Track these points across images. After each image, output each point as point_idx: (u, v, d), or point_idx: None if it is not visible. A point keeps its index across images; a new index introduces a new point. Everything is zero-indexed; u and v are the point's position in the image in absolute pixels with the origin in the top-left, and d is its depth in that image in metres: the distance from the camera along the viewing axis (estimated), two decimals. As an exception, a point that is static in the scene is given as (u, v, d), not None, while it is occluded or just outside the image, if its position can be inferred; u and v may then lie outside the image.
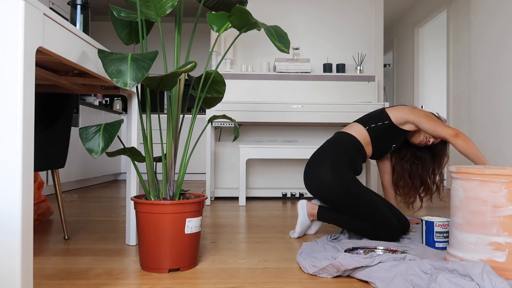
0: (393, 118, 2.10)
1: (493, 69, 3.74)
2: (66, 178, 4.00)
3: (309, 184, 2.05)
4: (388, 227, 1.88)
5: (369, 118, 2.17)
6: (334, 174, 1.94)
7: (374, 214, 1.89)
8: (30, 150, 1.04)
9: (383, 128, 2.11)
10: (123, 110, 6.10)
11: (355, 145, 2.08)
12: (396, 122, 2.10)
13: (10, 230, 0.99)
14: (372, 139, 2.11)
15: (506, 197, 1.37)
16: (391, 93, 6.66)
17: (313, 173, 2.01)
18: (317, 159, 2.05)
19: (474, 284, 1.16)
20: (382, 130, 2.11)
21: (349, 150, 2.05)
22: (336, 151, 2.03)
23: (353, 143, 2.08)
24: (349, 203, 1.92)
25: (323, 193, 1.98)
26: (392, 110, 2.13)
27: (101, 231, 2.20)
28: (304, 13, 3.99)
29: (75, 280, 1.40)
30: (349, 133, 2.12)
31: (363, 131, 2.11)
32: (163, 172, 1.59)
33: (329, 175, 1.95)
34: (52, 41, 1.16)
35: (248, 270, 1.53)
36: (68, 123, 2.06)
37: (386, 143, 2.16)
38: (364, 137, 2.10)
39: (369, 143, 2.11)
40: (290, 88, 3.72)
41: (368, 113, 2.22)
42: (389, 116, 2.11)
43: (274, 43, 1.57)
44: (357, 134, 2.10)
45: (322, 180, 1.96)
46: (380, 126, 2.11)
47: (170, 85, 1.45)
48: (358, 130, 2.12)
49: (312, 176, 2.02)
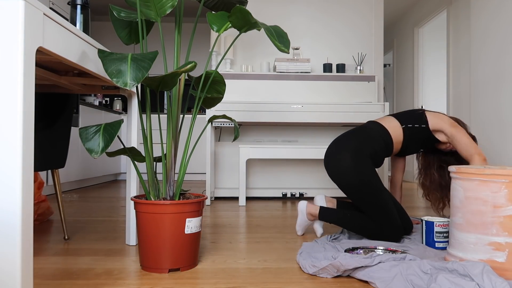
0: (430, 123, 2.09)
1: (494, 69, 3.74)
2: (66, 178, 4.00)
3: (327, 163, 2.03)
4: (391, 225, 1.87)
5: (407, 116, 2.14)
6: (355, 161, 1.93)
7: (382, 210, 1.88)
8: (30, 150, 1.04)
9: (418, 131, 2.09)
10: (123, 110, 6.10)
11: (385, 139, 2.06)
12: (432, 128, 2.09)
13: (10, 230, 0.99)
14: (405, 138, 2.09)
15: (506, 197, 1.37)
16: (391, 93, 6.66)
17: (335, 154, 2.00)
18: (343, 141, 2.03)
19: (474, 284, 1.16)
20: (417, 132, 2.10)
21: (377, 142, 2.03)
22: (364, 139, 2.01)
23: (384, 137, 2.06)
24: (360, 193, 1.91)
25: (338, 176, 1.97)
26: (432, 116, 2.11)
27: (101, 231, 2.20)
28: (304, 13, 3.99)
29: (75, 280, 1.40)
30: (383, 126, 2.09)
31: (398, 128, 2.09)
32: (163, 172, 1.59)
33: (349, 160, 1.93)
34: (52, 41, 1.16)
35: (248, 270, 1.53)
36: (68, 123, 2.06)
37: (416, 146, 2.15)
38: (398, 134, 2.08)
39: (400, 142, 2.10)
40: (290, 88, 3.72)
41: (406, 111, 2.20)
42: (428, 121, 2.09)
43: (274, 43, 1.57)
44: (391, 129, 2.08)
45: (341, 163, 1.95)
46: (416, 128, 2.09)
47: (170, 85, 1.45)
48: (393, 126, 2.10)
49: (334, 157, 2.00)
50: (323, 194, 2.22)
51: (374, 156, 2.01)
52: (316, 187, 3.85)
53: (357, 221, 1.94)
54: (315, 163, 3.94)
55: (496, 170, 1.39)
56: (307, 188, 3.79)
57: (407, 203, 3.37)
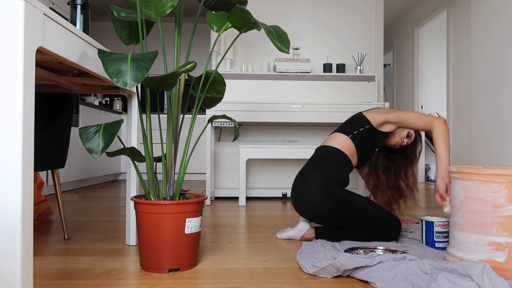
0: (372, 121, 2.04)
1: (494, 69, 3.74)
2: (66, 178, 4.00)
3: (300, 208, 1.97)
4: (389, 228, 1.88)
5: (349, 125, 2.10)
6: (326, 197, 1.88)
7: (372, 221, 1.88)
8: (30, 150, 1.04)
9: (365, 133, 2.05)
10: (123, 110, 6.10)
11: (341, 159, 2.01)
12: (375, 124, 2.04)
13: (10, 230, 0.99)
14: (357, 147, 2.04)
15: (506, 197, 1.37)
16: (391, 93, 6.66)
17: (304, 197, 1.94)
18: (304, 181, 1.97)
19: (474, 284, 1.16)
20: (364, 135, 2.05)
21: (336, 166, 1.98)
22: (324, 171, 1.95)
23: (338, 157, 2.01)
24: (346, 220, 1.89)
25: (318, 216, 1.93)
26: (370, 113, 2.08)
27: (101, 231, 2.20)
28: (304, 13, 3.99)
29: (75, 280, 1.40)
30: (333, 147, 2.04)
31: (346, 140, 2.04)
32: (163, 172, 1.59)
33: (320, 198, 1.88)
34: (52, 41, 1.16)
35: (248, 270, 1.53)
36: (68, 123, 2.06)
37: (370, 149, 2.10)
38: (349, 147, 2.03)
39: (355, 153, 2.05)
40: (290, 88, 3.72)
41: (346, 120, 2.16)
42: (368, 120, 2.05)
43: (274, 43, 1.57)
44: (342, 146, 2.03)
45: (314, 204, 1.90)
46: (362, 132, 2.04)
47: (170, 85, 1.45)
48: (341, 141, 2.04)
49: (303, 200, 1.94)
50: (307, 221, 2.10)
51: (339, 180, 1.96)
52: (316, 187, 3.84)
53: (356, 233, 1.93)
54: (315, 163, 3.93)
55: (496, 170, 1.39)
56: (307, 188, 3.78)
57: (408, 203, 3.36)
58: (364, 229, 1.89)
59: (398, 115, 2.00)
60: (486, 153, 3.82)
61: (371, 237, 1.89)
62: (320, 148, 2.10)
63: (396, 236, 1.89)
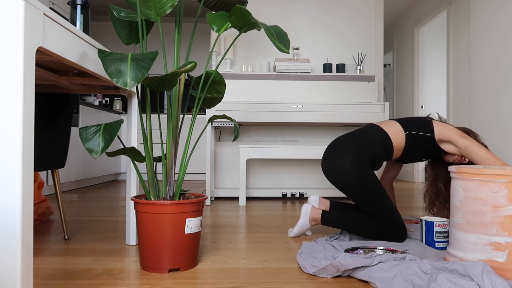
0: (436, 133, 1.99)
1: (494, 69, 3.74)
2: (66, 178, 4.00)
3: (328, 167, 1.99)
4: (395, 225, 1.87)
5: (413, 123, 2.05)
6: (356, 167, 1.90)
7: (385, 213, 1.87)
8: (30, 150, 1.04)
9: (422, 140, 2.01)
10: (123, 110, 6.10)
11: (386, 144, 1.99)
12: (437, 138, 2.00)
13: (10, 230, 0.99)
14: (407, 145, 2.01)
15: (506, 197, 1.37)
16: (391, 93, 6.66)
17: (335, 159, 1.95)
18: (342, 145, 1.98)
19: (474, 284, 1.16)
20: (420, 140, 2.01)
21: (377, 147, 1.97)
22: (363, 142, 1.96)
23: (384, 142, 1.99)
24: (363, 197, 1.90)
25: (341, 181, 1.94)
26: (440, 125, 2.02)
27: (101, 231, 2.20)
28: (304, 13, 3.99)
29: (75, 280, 1.40)
30: (384, 131, 2.02)
31: (401, 134, 2.01)
32: (163, 172, 1.59)
33: (349, 164, 1.90)
34: (52, 41, 1.16)
35: (248, 270, 1.53)
36: (68, 123, 2.06)
37: (417, 155, 2.07)
38: (400, 140, 2.00)
39: (402, 149, 2.02)
40: (290, 88, 3.72)
41: (412, 117, 2.11)
42: (434, 130, 2.00)
43: (274, 43, 1.57)
44: (393, 135, 2.00)
45: (343, 169, 1.91)
46: (420, 136, 2.00)
47: (170, 85, 1.45)
48: (396, 131, 2.01)
49: (334, 162, 1.96)
50: (317, 194, 2.20)
51: (373, 160, 1.97)
52: (316, 187, 3.85)
53: (359, 223, 1.93)
54: (315, 163, 3.94)
55: (496, 170, 1.39)
56: (307, 188, 3.79)
57: (407, 203, 3.37)
58: (373, 215, 1.89)
59: (467, 144, 1.95)
60: (486, 153, 3.82)
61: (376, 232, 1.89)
62: (373, 125, 2.07)
63: (397, 237, 1.89)
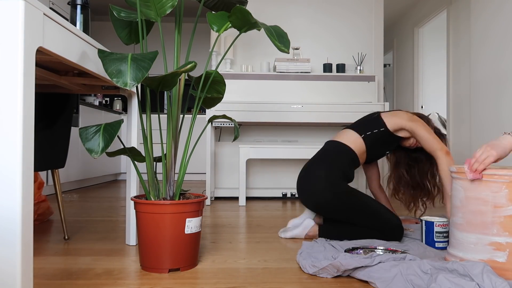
0: (388, 124, 2.05)
1: (494, 69, 3.74)
2: (66, 178, 4.00)
3: (305, 199, 2.01)
4: (392, 226, 1.88)
5: (364, 124, 2.10)
6: (331, 190, 1.91)
7: (376, 218, 1.88)
8: (30, 150, 1.04)
9: (379, 136, 2.06)
10: (123, 110, 6.10)
11: (350, 157, 2.02)
12: (391, 128, 2.05)
13: (10, 230, 0.99)
14: (367, 147, 2.05)
15: (506, 197, 1.37)
16: (391, 93, 6.66)
17: (309, 189, 1.97)
18: (311, 173, 1.99)
19: (474, 284, 1.16)
20: (377, 137, 2.06)
21: (344, 163, 2.00)
22: (331, 166, 1.98)
23: (348, 155, 2.02)
24: (350, 214, 1.91)
25: (321, 208, 1.95)
26: (388, 116, 2.07)
27: (101, 231, 2.20)
28: (304, 13, 3.99)
29: (75, 280, 1.40)
30: (343, 143, 2.05)
31: (358, 139, 2.05)
32: (163, 172, 1.59)
33: (325, 191, 1.91)
34: (52, 41, 1.16)
35: (248, 270, 1.53)
36: (68, 123, 2.06)
37: (380, 150, 2.11)
38: (360, 146, 2.04)
39: (364, 152, 2.06)
40: (290, 88, 3.72)
41: (362, 118, 2.15)
42: (385, 123, 2.05)
43: (274, 43, 1.57)
44: (352, 144, 2.04)
45: (319, 196, 1.93)
46: (376, 134, 2.05)
47: (170, 85, 1.45)
48: (352, 139, 2.05)
49: (308, 192, 1.97)
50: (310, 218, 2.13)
51: (345, 176, 1.99)
52: (316, 187, 3.84)
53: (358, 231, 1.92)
54: (315, 163, 3.93)
55: (496, 170, 1.39)
56: (307, 188, 3.78)
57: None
58: (367, 226, 1.90)
59: (414, 126, 2.01)
60: (486, 153, 3.82)
61: (374, 235, 1.89)
62: (331, 142, 2.11)
63: (399, 236, 1.89)
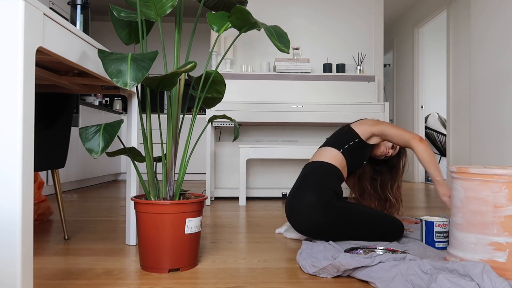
0: (361, 134, 2.06)
1: (494, 69, 3.74)
2: (66, 178, 4.00)
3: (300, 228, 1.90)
4: (393, 227, 1.88)
5: (338, 139, 2.09)
6: (325, 214, 1.83)
7: (373, 226, 1.86)
8: (30, 150, 1.04)
9: (355, 147, 2.07)
10: (123, 110, 6.10)
11: (336, 174, 1.99)
12: (364, 137, 2.07)
13: (10, 230, 0.99)
14: (347, 160, 2.05)
15: (506, 197, 1.37)
16: (391, 93, 6.66)
17: (301, 216, 1.87)
18: (300, 200, 1.90)
19: (474, 284, 1.16)
20: (354, 149, 2.06)
21: (331, 181, 1.95)
22: (319, 188, 1.90)
23: (332, 172, 1.99)
24: (347, 228, 1.86)
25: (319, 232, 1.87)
26: (358, 126, 2.09)
27: (101, 231, 2.20)
28: (304, 13, 3.99)
29: (75, 280, 1.40)
30: (325, 162, 2.02)
31: (338, 155, 2.04)
32: (163, 172, 1.59)
33: (319, 216, 1.83)
34: (52, 41, 1.16)
35: (248, 270, 1.53)
36: (68, 123, 2.06)
37: (358, 162, 2.12)
38: (340, 161, 2.03)
39: (345, 166, 2.06)
40: (290, 88, 3.72)
41: (335, 133, 2.15)
42: (357, 133, 2.07)
43: (274, 43, 1.57)
44: (334, 161, 2.02)
45: (314, 223, 1.84)
46: (352, 146, 2.06)
47: (170, 85, 1.45)
48: (333, 156, 2.03)
49: (300, 218, 1.87)
50: None
51: (335, 194, 1.93)
52: (316, 187, 3.84)
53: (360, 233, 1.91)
54: (315, 163, 3.94)
55: (496, 170, 1.39)
56: (307, 188, 3.78)
57: (407, 203, 3.37)
58: (366, 234, 1.87)
59: (381, 128, 2.04)
60: (487, 153, 3.82)
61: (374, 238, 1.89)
62: (312, 164, 2.06)
63: (399, 236, 1.89)
